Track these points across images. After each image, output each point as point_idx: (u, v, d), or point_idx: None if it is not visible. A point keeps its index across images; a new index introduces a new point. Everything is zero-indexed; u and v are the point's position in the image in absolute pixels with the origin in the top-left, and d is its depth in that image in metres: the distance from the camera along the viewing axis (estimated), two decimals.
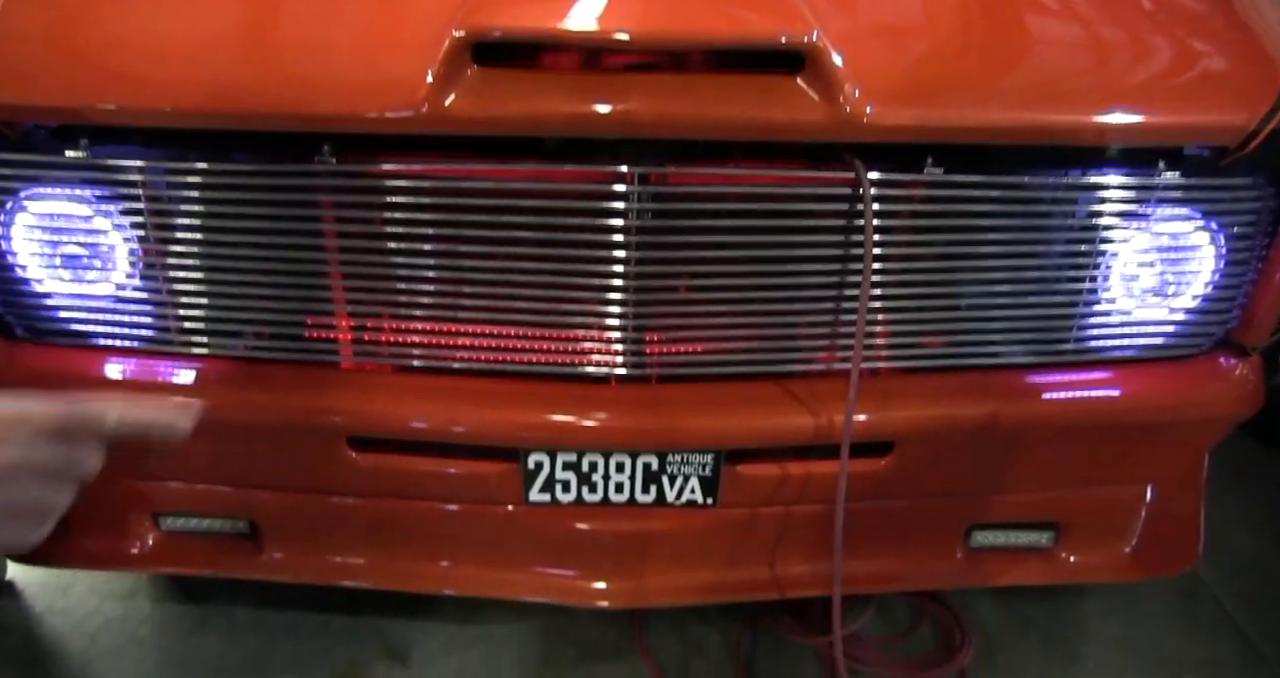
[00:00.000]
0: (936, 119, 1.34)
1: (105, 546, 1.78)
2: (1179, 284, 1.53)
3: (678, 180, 1.41)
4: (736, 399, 1.54)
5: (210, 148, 1.37)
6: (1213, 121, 1.38)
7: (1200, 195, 1.46)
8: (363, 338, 1.52)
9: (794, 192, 1.42)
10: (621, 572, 1.72)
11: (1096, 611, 2.14)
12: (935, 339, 1.56)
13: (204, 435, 1.56)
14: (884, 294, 1.49)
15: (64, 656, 1.94)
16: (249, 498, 1.70)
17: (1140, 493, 1.81)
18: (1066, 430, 1.61)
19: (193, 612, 2.04)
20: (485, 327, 1.49)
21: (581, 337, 1.49)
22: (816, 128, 1.32)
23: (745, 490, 1.61)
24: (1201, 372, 1.60)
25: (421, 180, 1.39)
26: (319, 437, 1.54)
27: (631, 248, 1.40)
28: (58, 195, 1.41)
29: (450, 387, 1.53)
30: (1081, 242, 1.47)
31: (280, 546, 1.76)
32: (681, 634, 2.03)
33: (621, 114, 1.28)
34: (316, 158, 1.35)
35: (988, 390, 1.55)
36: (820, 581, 1.76)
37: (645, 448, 1.55)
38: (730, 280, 1.46)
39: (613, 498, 1.60)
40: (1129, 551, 1.85)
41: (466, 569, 1.75)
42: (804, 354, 1.54)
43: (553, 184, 1.38)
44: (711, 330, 1.50)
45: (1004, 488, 1.72)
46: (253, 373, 1.51)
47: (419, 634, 2.00)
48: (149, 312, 1.49)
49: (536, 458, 1.56)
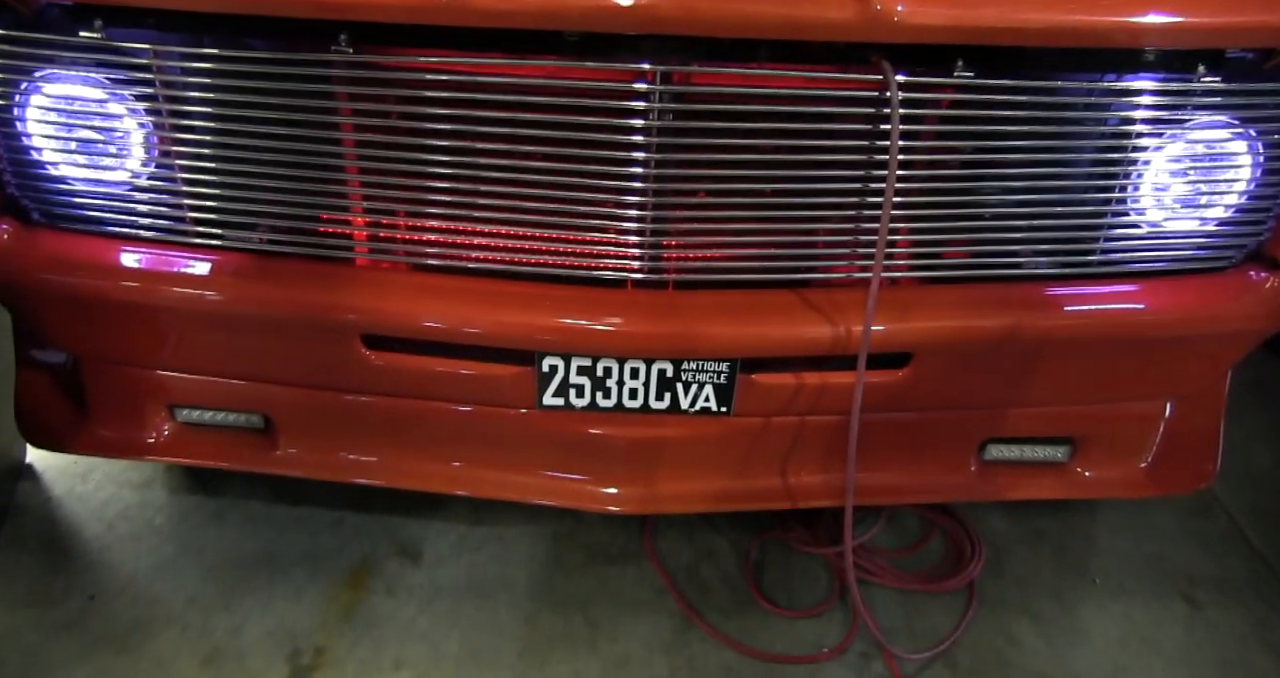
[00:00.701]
0: (969, 19, 1.30)
1: (122, 435, 1.81)
2: (1212, 195, 1.50)
3: (701, 81, 1.38)
4: (754, 307, 1.53)
5: (226, 33, 1.34)
6: (1257, 23, 1.32)
7: (1240, 101, 1.41)
8: (378, 235, 1.52)
9: (819, 94, 1.39)
10: (633, 478, 1.74)
11: (1108, 525, 2.16)
12: (958, 250, 1.53)
13: (219, 328, 1.60)
14: (907, 202, 1.46)
15: (82, 540, 1.99)
16: (264, 393, 1.72)
17: (1160, 409, 1.81)
18: (1089, 345, 1.59)
19: (209, 503, 2.08)
20: (501, 227, 1.48)
21: (598, 239, 1.47)
22: (846, 27, 1.28)
23: (760, 400, 1.61)
24: (1231, 285, 1.57)
25: (440, 74, 1.36)
26: (333, 334, 1.54)
27: (651, 149, 1.38)
28: (73, 78, 1.40)
29: (465, 287, 1.52)
30: (1113, 150, 1.44)
31: (294, 441, 1.78)
32: (691, 541, 2.06)
33: (644, 9, 1.24)
34: (333, 47, 1.32)
35: (1010, 303, 1.53)
36: (832, 492, 1.77)
37: (660, 354, 1.55)
38: (751, 185, 1.43)
39: (626, 404, 1.61)
40: (1145, 467, 1.85)
41: (478, 471, 1.77)
42: (823, 263, 1.53)
43: (572, 81, 1.35)
44: (730, 236, 1.48)
45: (1022, 402, 1.72)
46: (267, 267, 1.51)
47: (430, 533, 2.04)
48: (163, 201, 1.48)
49: (551, 362, 1.57)
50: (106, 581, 1.89)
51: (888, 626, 1.89)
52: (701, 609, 1.90)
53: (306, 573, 1.93)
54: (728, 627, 1.87)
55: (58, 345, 1.77)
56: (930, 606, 1.94)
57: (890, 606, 1.94)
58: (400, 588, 1.91)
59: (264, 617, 1.83)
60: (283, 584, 1.90)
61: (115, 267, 1.50)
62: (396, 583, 1.92)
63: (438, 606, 1.88)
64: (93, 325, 1.63)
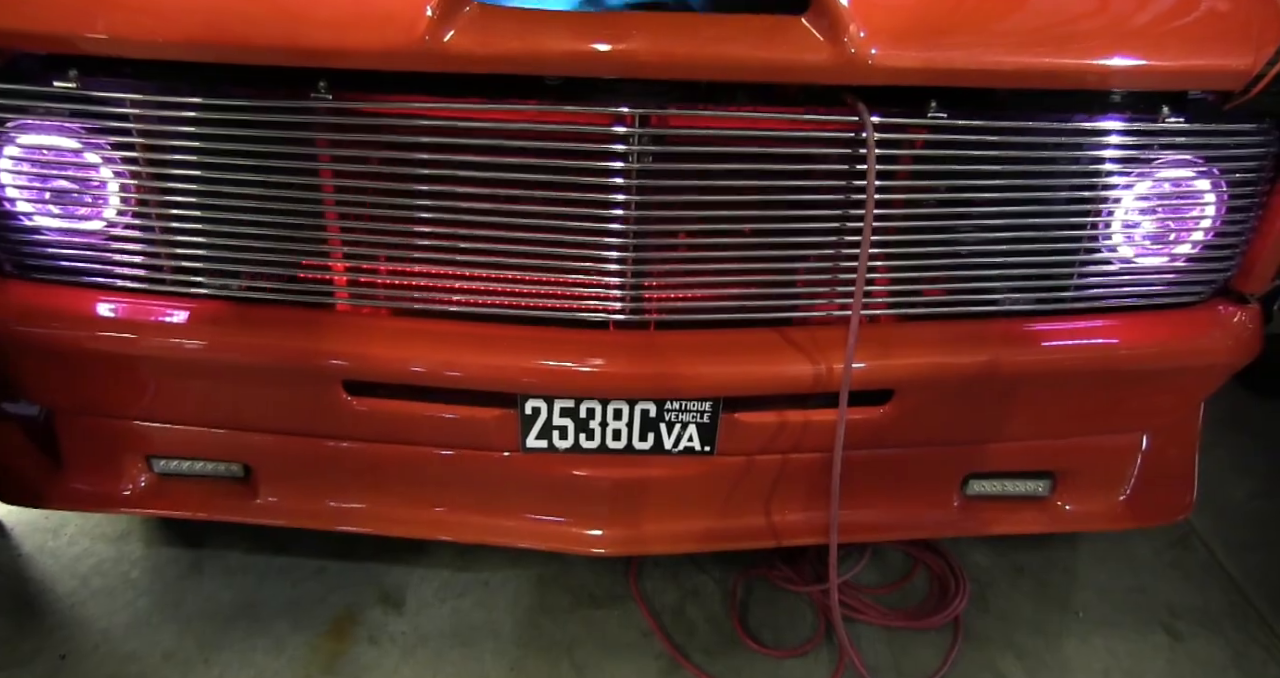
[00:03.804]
0: (941, 62, 1.33)
1: (98, 487, 1.77)
2: (1180, 231, 1.53)
3: (679, 123, 1.39)
4: (735, 346, 1.53)
5: (204, 81, 1.34)
6: (1216, 66, 1.37)
7: (1203, 141, 1.46)
8: (359, 280, 1.51)
9: (796, 135, 1.41)
10: (618, 520, 1.73)
11: (1089, 558, 2.17)
12: (936, 287, 1.55)
13: (198, 377, 1.58)
14: (885, 240, 1.48)
15: (53, 597, 1.94)
16: (243, 441, 1.70)
17: (1136, 442, 1.83)
18: (1065, 379, 1.61)
19: (186, 555, 2.04)
20: (483, 270, 1.48)
21: (580, 281, 1.48)
22: (821, 69, 1.31)
23: (743, 439, 1.62)
24: (1201, 320, 1.60)
25: (420, 119, 1.37)
26: (314, 380, 1.53)
27: (631, 191, 1.39)
28: (47, 128, 1.39)
29: (447, 331, 1.52)
30: (1084, 188, 1.47)
31: (275, 490, 1.76)
32: (677, 582, 2.05)
33: (623, 54, 1.26)
34: (313, 94, 1.33)
35: (987, 339, 1.55)
36: (816, 529, 1.77)
37: (643, 395, 1.55)
38: (730, 225, 1.45)
39: (610, 445, 1.60)
40: (1124, 500, 1.87)
41: (462, 516, 1.76)
42: (804, 301, 1.54)
43: (552, 125, 1.36)
44: (711, 276, 1.49)
45: (1002, 437, 1.73)
46: (247, 315, 1.50)
47: (414, 579, 2.01)
48: (141, 250, 1.47)
49: (533, 404, 1.56)
50: (79, 638, 1.84)
51: (874, 663, 1.88)
52: (687, 650, 1.88)
53: (288, 624, 1.89)
54: (714, 667, 1.85)
55: (31, 399, 1.74)
56: (916, 642, 1.94)
57: (876, 643, 1.93)
58: (383, 637, 1.88)
59: (244, 670, 1.79)
60: (263, 636, 1.86)
61: (92, 317, 1.49)
62: (380, 632, 1.89)
63: (421, 654, 1.85)
64: (69, 378, 1.60)
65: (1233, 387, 1.80)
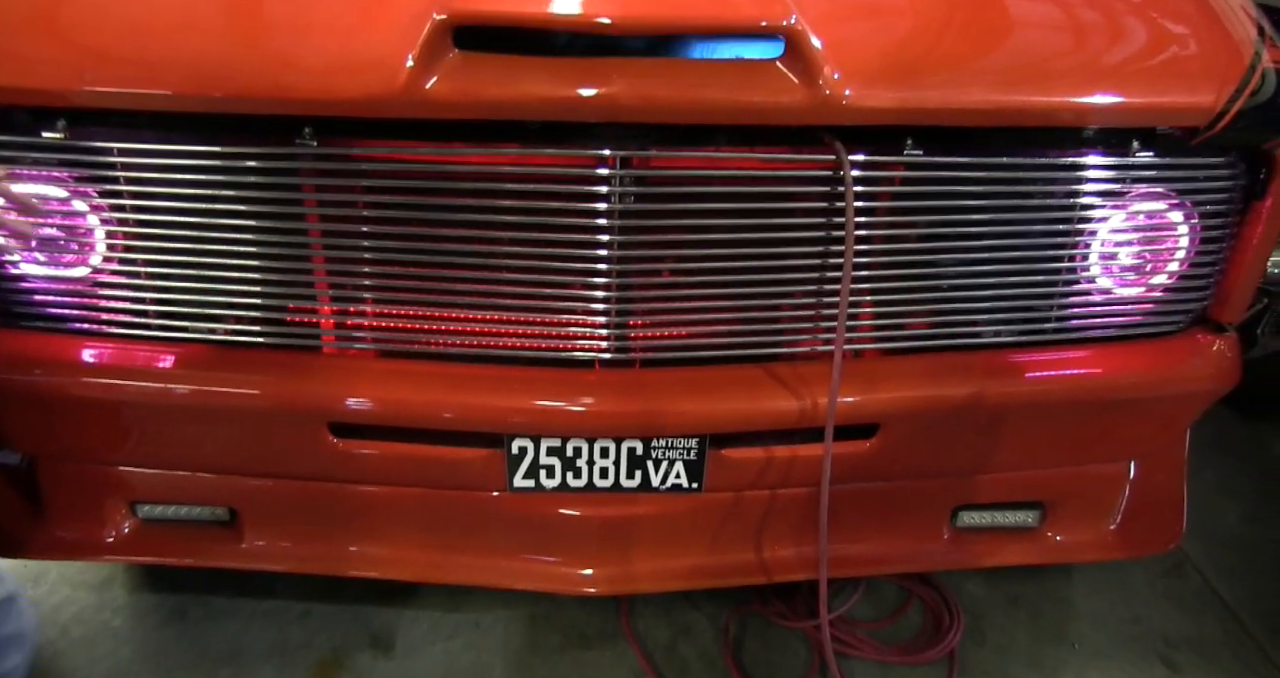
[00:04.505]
0: (915, 101, 1.35)
1: (80, 535, 1.76)
2: (1155, 262, 1.56)
3: (660, 165, 1.41)
4: (721, 383, 1.54)
5: (190, 130, 1.36)
6: (1182, 103, 1.41)
7: (1173, 174, 1.48)
8: (344, 323, 1.52)
9: (776, 175, 1.43)
10: (607, 558, 1.72)
11: (1083, 588, 2.16)
12: (918, 321, 1.57)
13: (183, 421, 1.58)
14: (866, 276, 1.50)
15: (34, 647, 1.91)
16: (229, 485, 1.69)
17: (1123, 471, 1.84)
18: (1049, 410, 1.62)
19: (169, 600, 2.02)
20: (468, 312, 1.49)
21: (565, 321, 1.49)
22: (797, 111, 1.33)
23: (731, 475, 1.62)
24: (1180, 349, 1.62)
25: (403, 164, 1.39)
26: (300, 423, 1.53)
27: (614, 231, 1.41)
28: (35, 177, 1.40)
29: (432, 372, 1.52)
30: (1060, 221, 1.49)
31: (261, 534, 1.75)
32: (668, 619, 2.04)
33: (603, 98, 1.28)
34: (297, 140, 1.35)
35: (971, 371, 1.56)
36: (807, 564, 1.77)
37: (629, 433, 1.55)
38: (713, 264, 1.46)
39: (597, 484, 1.60)
40: (1114, 529, 1.87)
41: (451, 557, 1.75)
42: (788, 337, 1.55)
43: (535, 168, 1.38)
44: (695, 314, 1.51)
45: (989, 468, 1.74)
46: (233, 359, 1.51)
47: (403, 621, 2.00)
48: (126, 296, 1.48)
49: (520, 444, 1.56)
50: None
51: None
52: None
53: (273, 669, 1.87)
54: None
55: (15, 446, 1.73)
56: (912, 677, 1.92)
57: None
58: None
59: None
60: None
61: (76, 363, 1.49)
62: (368, 675, 1.87)
63: None
64: (54, 424, 1.60)
65: (1219, 409, 1.80)
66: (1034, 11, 1.51)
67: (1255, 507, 2.45)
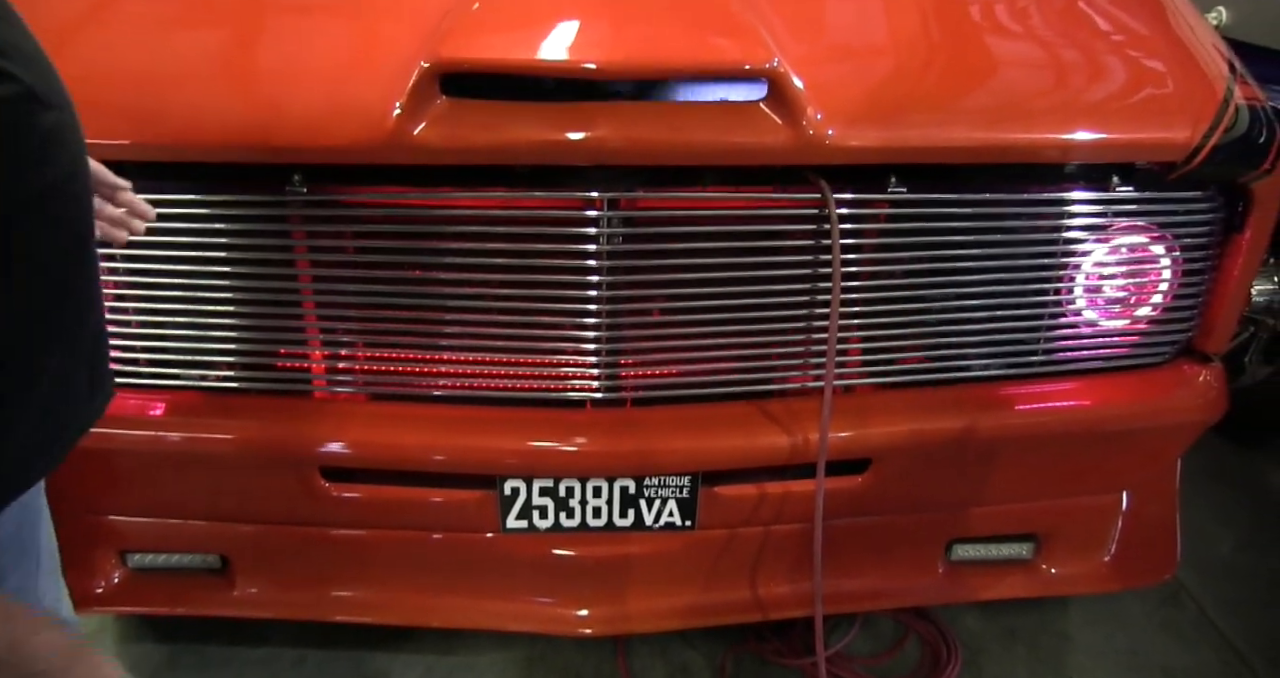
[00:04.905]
0: (897, 140, 1.38)
1: (71, 586, 1.72)
2: (1140, 294, 1.58)
3: (647, 206, 1.43)
4: (712, 421, 1.54)
5: (180, 178, 1.37)
6: (1159, 139, 1.44)
7: (1154, 208, 1.51)
8: (335, 368, 1.52)
9: (762, 213, 1.45)
10: (602, 598, 1.71)
11: (1080, 620, 2.15)
12: (908, 355, 1.58)
13: (174, 469, 1.57)
14: (855, 312, 1.51)
15: None
16: (220, 532, 1.68)
17: (1115, 502, 1.84)
18: (1039, 442, 1.63)
19: (160, 650, 1.99)
20: (459, 354, 1.50)
21: (556, 362, 1.50)
22: (781, 151, 1.35)
23: (724, 512, 1.62)
24: (1166, 380, 1.63)
25: (393, 209, 1.40)
26: (292, 468, 1.53)
27: (603, 272, 1.42)
28: None
29: (424, 415, 1.53)
30: (1044, 255, 1.51)
31: (253, 581, 1.73)
32: (665, 658, 2.02)
33: (590, 142, 1.30)
34: (287, 187, 1.36)
35: (960, 405, 1.57)
36: (802, 601, 1.76)
37: (622, 472, 1.55)
38: (702, 302, 1.47)
39: (590, 523, 1.60)
40: (1108, 560, 1.87)
41: (445, 600, 1.74)
42: (778, 374, 1.56)
43: (524, 211, 1.40)
44: (685, 353, 1.51)
45: (982, 501, 1.74)
46: (224, 405, 1.51)
47: (397, 666, 1.97)
48: (118, 344, 1.48)
49: (513, 484, 1.56)
50: None
51: None
52: None
53: None
54: None
55: None
56: None
57: None
58: None
59: None
60: None
61: None
62: None
63: None
64: None
65: (1211, 438, 1.81)
66: (1012, 51, 1.55)
67: (1250, 536, 2.45)
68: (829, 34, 1.55)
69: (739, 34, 1.36)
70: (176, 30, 1.44)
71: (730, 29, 1.38)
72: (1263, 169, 1.47)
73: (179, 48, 1.39)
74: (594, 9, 1.43)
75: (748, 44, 1.33)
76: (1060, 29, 1.57)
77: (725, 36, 1.38)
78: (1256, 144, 1.46)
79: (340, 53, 1.40)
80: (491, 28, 1.36)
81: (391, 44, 1.35)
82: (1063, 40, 1.54)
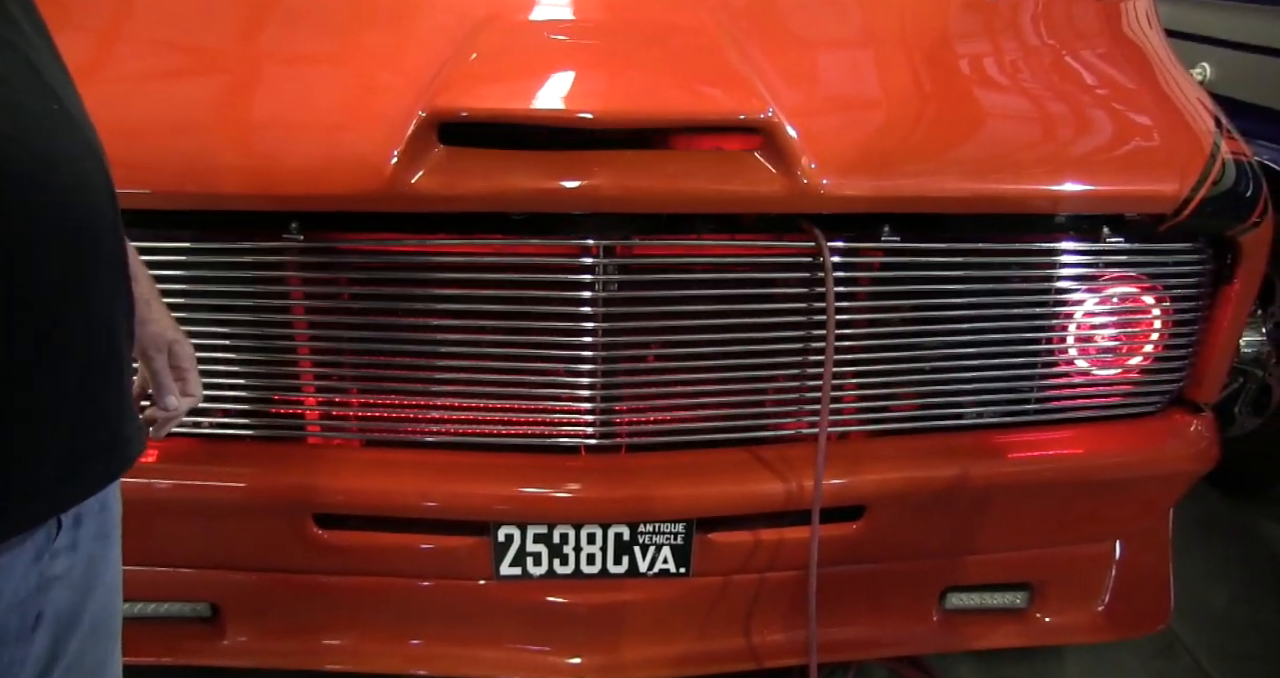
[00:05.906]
0: (890, 189, 1.39)
1: None
2: (1131, 344, 1.59)
3: (643, 253, 1.44)
4: (707, 467, 1.54)
5: (177, 225, 1.38)
6: (1148, 191, 1.46)
7: (1143, 259, 1.53)
8: (330, 414, 1.52)
9: (757, 261, 1.46)
10: (596, 646, 1.69)
11: (1076, 670, 2.13)
12: (902, 403, 1.58)
13: (164, 516, 1.56)
14: (849, 359, 1.52)
15: None
16: (211, 580, 1.66)
17: (1109, 551, 1.83)
18: (1033, 490, 1.63)
19: None
20: (454, 400, 1.49)
21: (551, 408, 1.50)
22: (775, 200, 1.36)
23: (718, 559, 1.61)
24: (1158, 430, 1.64)
25: (389, 256, 1.41)
26: (284, 514, 1.52)
27: (599, 319, 1.42)
28: None
29: (418, 461, 1.52)
30: (1036, 305, 1.52)
31: (244, 629, 1.71)
32: None
33: (586, 190, 1.31)
34: (284, 235, 1.36)
35: (954, 452, 1.57)
36: (797, 649, 1.74)
37: (616, 518, 1.54)
38: (697, 349, 1.48)
39: (585, 570, 1.59)
40: (1102, 610, 1.86)
41: (438, 648, 1.71)
42: (773, 421, 1.56)
43: (520, 258, 1.41)
44: (680, 399, 1.52)
45: (976, 549, 1.73)
46: (217, 451, 1.50)
47: None
48: None
49: (506, 531, 1.55)
50: None
51: None
52: None
53: None
54: None
55: None
56: None
57: None
58: None
59: None
60: None
61: None
62: None
63: None
64: None
65: (1205, 489, 1.81)
66: (1003, 104, 1.57)
67: (1244, 588, 2.44)
68: (823, 85, 1.58)
69: (734, 84, 1.38)
70: (175, 79, 1.46)
71: (725, 79, 1.41)
72: (1250, 222, 1.49)
73: (178, 97, 1.41)
74: (590, 59, 1.45)
75: (743, 94, 1.35)
76: (1050, 83, 1.60)
77: (720, 87, 1.40)
78: (1244, 197, 1.48)
79: (338, 102, 1.41)
80: (489, 78, 1.39)
81: (389, 94, 1.37)
82: (1053, 94, 1.57)
